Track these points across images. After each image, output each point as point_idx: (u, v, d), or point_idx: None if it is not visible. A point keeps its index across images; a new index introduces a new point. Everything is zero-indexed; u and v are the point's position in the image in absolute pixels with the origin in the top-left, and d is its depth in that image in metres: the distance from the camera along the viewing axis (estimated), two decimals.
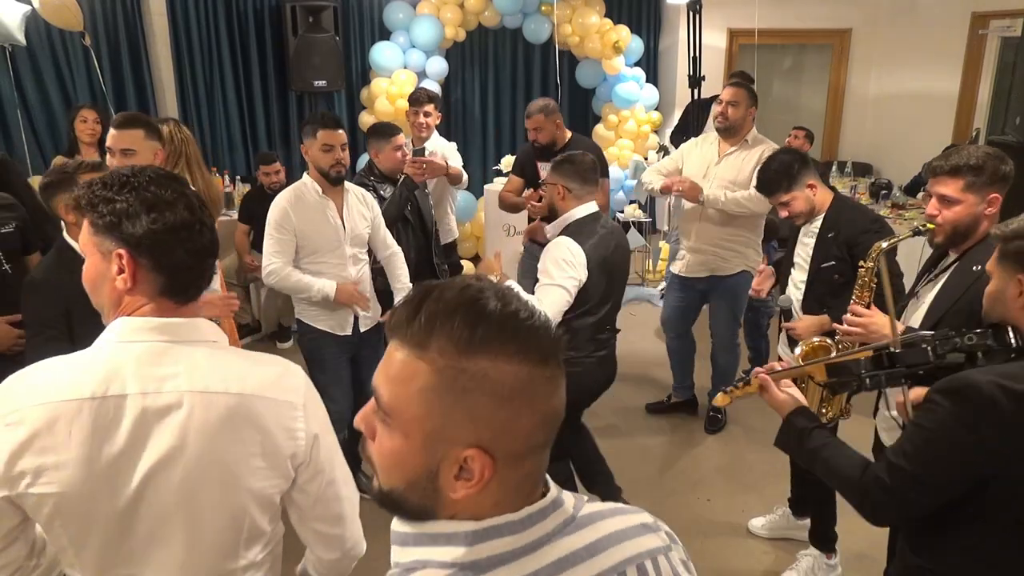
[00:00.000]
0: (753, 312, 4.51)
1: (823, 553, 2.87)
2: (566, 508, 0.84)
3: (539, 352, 0.76)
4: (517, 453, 0.77)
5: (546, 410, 0.78)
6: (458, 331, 0.74)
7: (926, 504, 1.45)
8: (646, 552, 0.87)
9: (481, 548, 0.78)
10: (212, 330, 1.24)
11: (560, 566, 0.80)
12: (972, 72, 6.16)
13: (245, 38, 6.02)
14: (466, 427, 0.75)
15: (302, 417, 1.23)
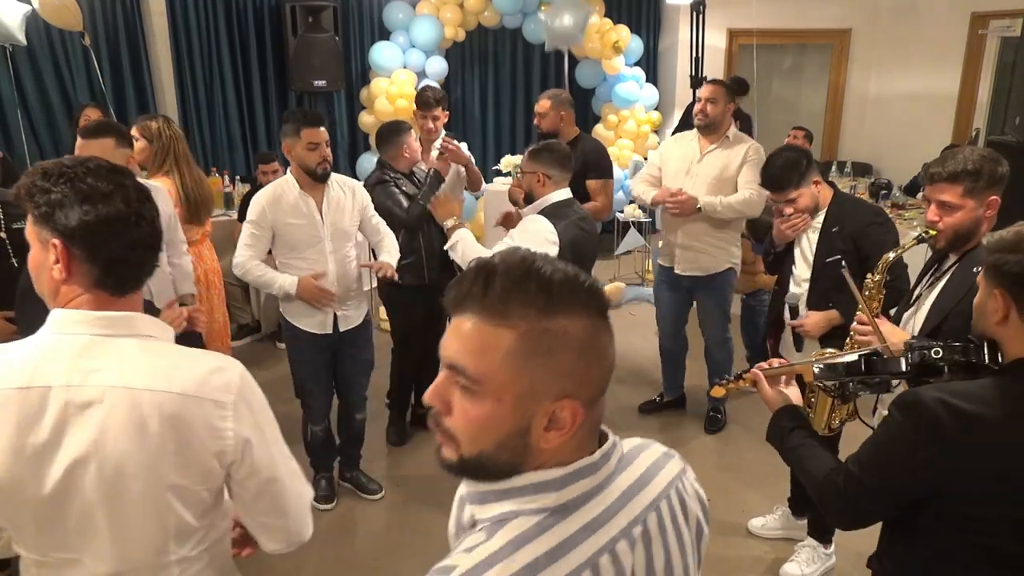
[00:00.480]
0: (750, 311, 4.52)
1: (820, 543, 2.93)
2: (620, 447, 0.96)
3: (599, 306, 0.87)
4: (593, 398, 0.89)
5: (610, 357, 0.89)
6: (535, 296, 0.81)
7: (877, 511, 1.50)
8: (673, 479, 1.01)
9: (569, 491, 0.86)
10: (150, 324, 1.24)
11: (624, 499, 0.91)
12: (972, 72, 6.16)
13: (245, 38, 6.02)
14: (554, 382, 0.83)
15: (231, 416, 1.21)
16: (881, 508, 1.49)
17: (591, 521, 0.87)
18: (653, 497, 0.95)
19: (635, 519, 0.91)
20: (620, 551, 0.88)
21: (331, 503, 3.34)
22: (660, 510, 0.96)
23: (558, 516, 0.85)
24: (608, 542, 0.88)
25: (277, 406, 3.85)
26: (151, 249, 1.24)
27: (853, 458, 1.49)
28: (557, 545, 0.84)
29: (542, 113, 3.89)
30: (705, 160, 3.71)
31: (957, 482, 1.37)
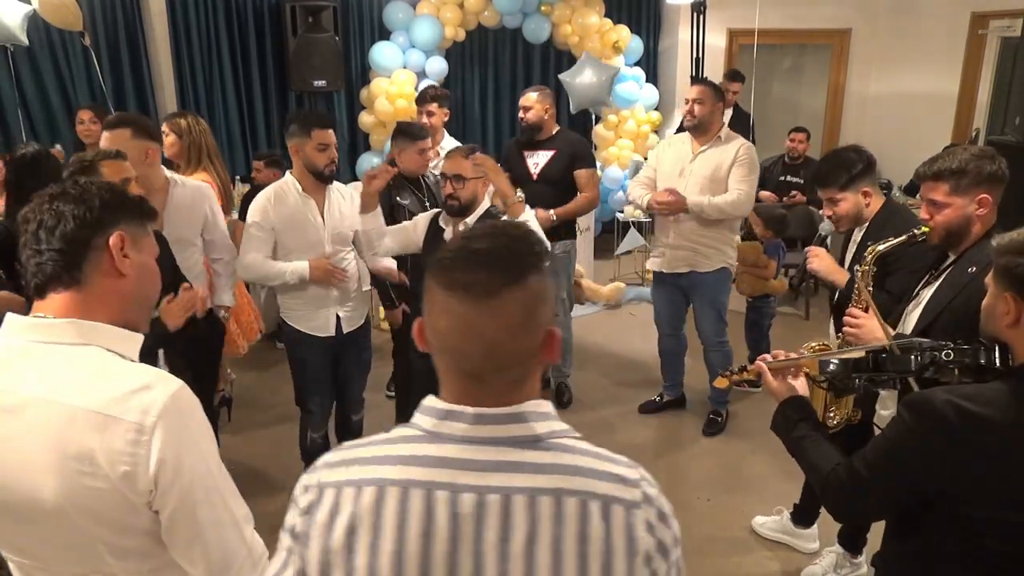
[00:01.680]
0: (755, 312, 4.51)
1: (848, 552, 2.87)
2: (530, 427, 0.96)
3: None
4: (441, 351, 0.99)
5: (440, 327, 0.97)
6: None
7: (877, 509, 1.51)
8: (598, 495, 0.94)
9: (442, 424, 0.97)
10: (94, 331, 1.20)
11: (500, 467, 0.94)
12: (972, 72, 6.16)
13: (245, 38, 6.01)
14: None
15: (146, 441, 1.12)
16: (883, 506, 1.50)
17: (436, 457, 0.95)
18: (538, 485, 0.93)
19: (480, 487, 0.93)
20: (438, 497, 0.93)
21: None
22: (527, 503, 0.93)
23: (429, 440, 0.96)
24: (427, 483, 0.94)
25: (275, 407, 3.85)
26: (24, 247, 1.22)
27: (860, 455, 1.50)
28: (397, 456, 0.96)
29: (527, 106, 3.94)
30: (697, 160, 3.73)
31: (963, 484, 1.37)
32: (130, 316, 1.28)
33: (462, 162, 2.85)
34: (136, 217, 1.29)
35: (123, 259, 1.24)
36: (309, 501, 0.98)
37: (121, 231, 1.24)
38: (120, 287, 1.25)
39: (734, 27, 7.01)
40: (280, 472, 3.50)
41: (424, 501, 0.93)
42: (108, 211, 1.24)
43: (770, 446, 3.69)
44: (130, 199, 1.30)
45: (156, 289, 1.35)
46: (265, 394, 4.41)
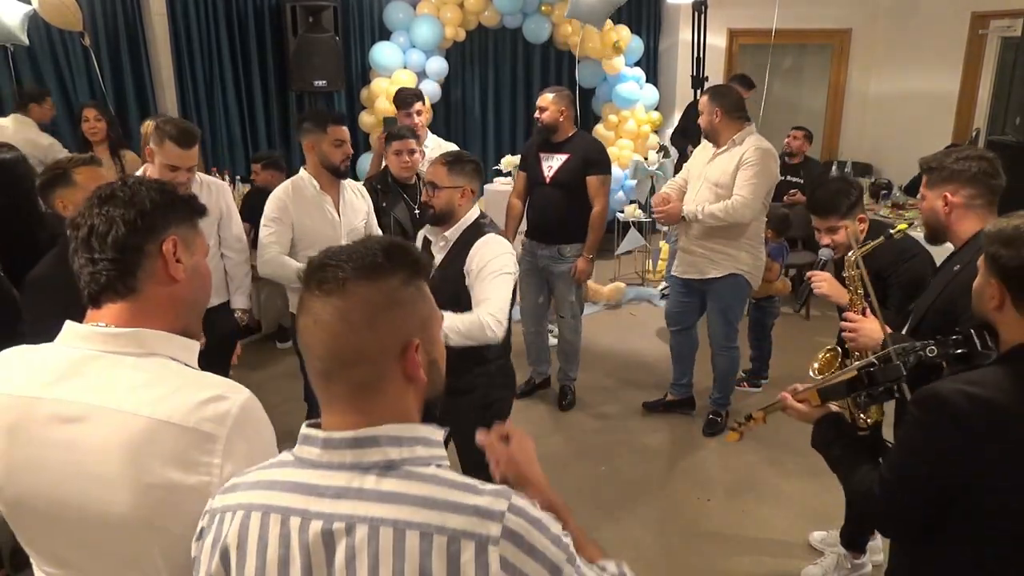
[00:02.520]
0: (760, 312, 4.50)
1: (850, 553, 2.87)
2: (383, 451, 0.94)
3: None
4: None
5: (303, 337, 1.00)
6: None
7: (915, 510, 1.49)
8: (446, 528, 0.88)
9: (300, 448, 0.99)
10: (159, 342, 1.17)
11: (347, 494, 0.92)
12: (972, 72, 6.16)
13: (245, 38, 6.01)
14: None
15: (220, 451, 1.09)
16: (919, 508, 1.48)
17: (295, 483, 0.95)
18: (381, 515, 0.90)
19: (328, 515, 0.92)
20: (292, 523, 0.93)
21: None
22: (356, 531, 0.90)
23: (295, 465, 0.98)
24: (283, 508, 0.94)
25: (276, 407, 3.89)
26: (76, 254, 1.18)
27: (884, 464, 1.53)
28: (267, 480, 0.98)
29: (543, 107, 3.93)
30: (711, 165, 3.71)
31: (980, 469, 1.39)
32: (186, 322, 1.24)
33: (438, 169, 2.55)
34: (187, 218, 1.24)
35: (176, 264, 1.19)
36: (202, 527, 1.01)
37: (174, 235, 1.19)
38: (175, 293, 1.20)
39: (734, 27, 7.02)
40: None
41: (281, 527, 0.93)
42: (160, 214, 1.19)
43: (771, 446, 3.69)
44: (181, 199, 1.24)
45: (208, 292, 1.31)
46: (266, 394, 4.41)
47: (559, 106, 3.89)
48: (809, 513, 3.29)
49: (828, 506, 3.20)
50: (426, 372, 0.99)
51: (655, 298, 6.08)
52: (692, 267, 3.81)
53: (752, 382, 4.52)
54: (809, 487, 3.42)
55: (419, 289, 1.00)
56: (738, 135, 3.64)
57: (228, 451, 1.10)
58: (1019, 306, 1.43)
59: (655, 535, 3.19)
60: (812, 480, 3.40)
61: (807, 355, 4.75)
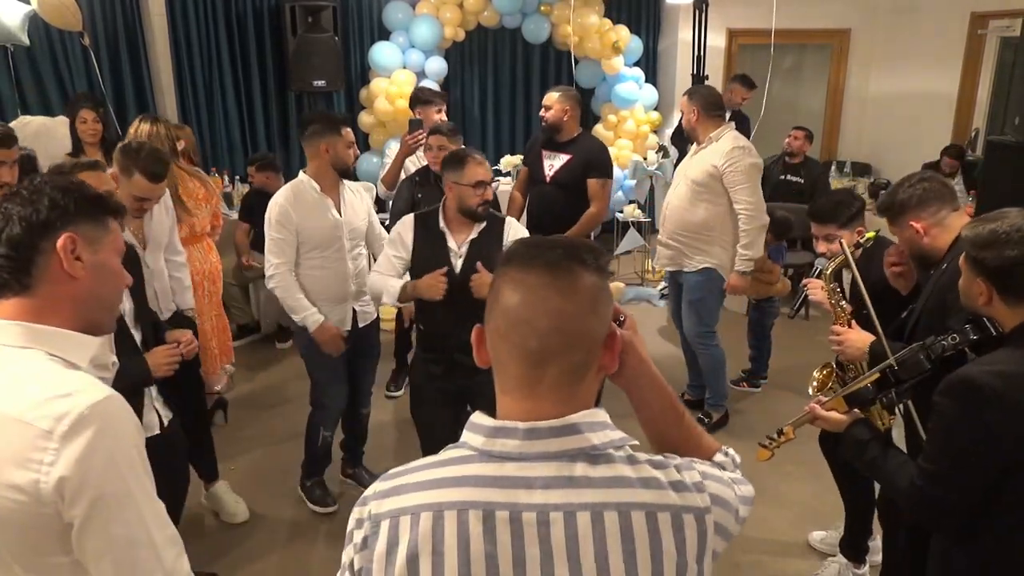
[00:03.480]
0: (759, 312, 4.50)
1: (851, 562, 2.86)
2: (585, 438, 0.94)
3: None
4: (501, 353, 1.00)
5: (512, 311, 0.99)
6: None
7: (962, 499, 1.53)
8: (668, 506, 0.93)
9: (493, 442, 0.96)
10: (35, 334, 1.15)
11: (559, 483, 0.91)
12: (971, 72, 6.16)
13: (244, 38, 6.02)
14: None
15: (54, 449, 1.04)
16: (963, 497, 1.53)
17: (491, 477, 0.92)
18: (578, 502, 0.90)
19: (541, 505, 0.90)
20: (499, 517, 0.90)
21: (334, 506, 3.31)
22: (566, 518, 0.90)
23: (482, 459, 0.94)
24: (485, 503, 0.91)
25: (276, 407, 3.83)
26: None
27: (924, 455, 1.58)
28: (450, 478, 0.93)
29: (548, 105, 3.94)
30: (691, 162, 3.80)
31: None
32: (89, 318, 1.22)
33: (488, 167, 2.79)
34: (92, 216, 1.22)
35: (74, 262, 1.17)
36: (364, 535, 0.95)
37: (71, 233, 1.17)
38: (73, 291, 1.19)
39: (734, 27, 7.02)
40: (279, 473, 3.49)
41: (484, 522, 0.90)
42: (57, 212, 1.17)
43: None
44: (85, 196, 1.22)
45: (118, 289, 1.29)
46: (266, 394, 4.41)
47: (564, 105, 3.90)
48: (809, 513, 3.29)
49: (828, 506, 3.19)
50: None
51: (655, 298, 6.08)
52: (670, 260, 3.89)
53: (751, 382, 4.52)
54: (809, 488, 3.41)
55: (607, 280, 1.02)
56: (715, 132, 3.70)
57: (61, 451, 1.05)
58: (1006, 299, 1.55)
59: None
60: (812, 481, 3.40)
61: (806, 355, 4.78)
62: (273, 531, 3.20)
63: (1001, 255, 1.52)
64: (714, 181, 3.65)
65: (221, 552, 3.04)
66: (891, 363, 1.82)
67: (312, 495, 3.31)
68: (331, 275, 3.04)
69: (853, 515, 2.84)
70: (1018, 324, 1.54)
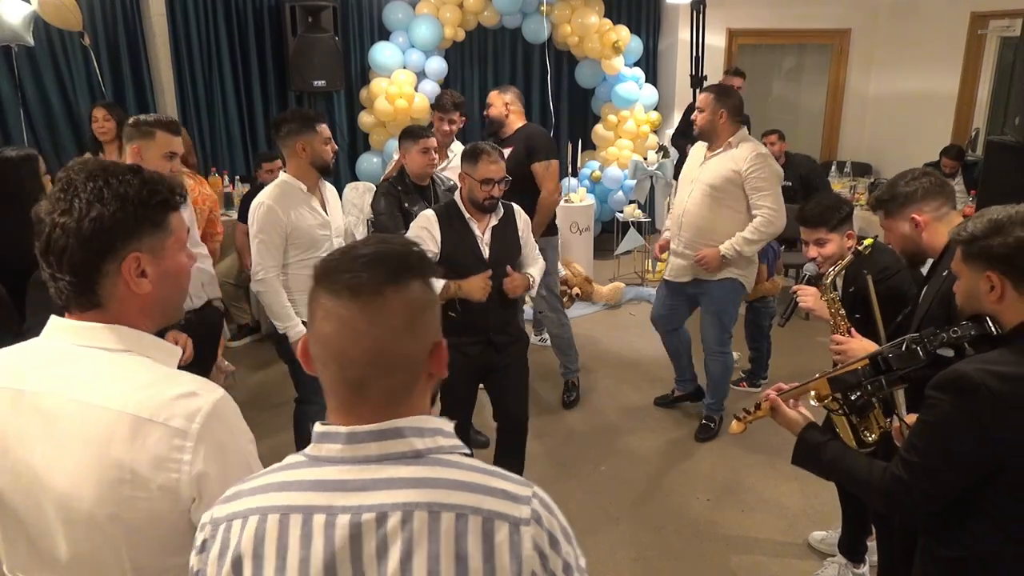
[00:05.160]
0: (754, 313, 4.51)
1: (851, 562, 2.86)
2: (409, 442, 0.93)
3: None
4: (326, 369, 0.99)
5: (323, 330, 0.97)
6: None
7: (943, 494, 1.53)
8: (480, 509, 0.90)
9: (318, 447, 0.97)
10: (129, 338, 1.14)
11: (375, 484, 0.91)
12: (971, 72, 6.16)
13: (244, 38, 6.02)
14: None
15: (190, 448, 1.07)
16: (946, 490, 1.53)
17: (314, 481, 0.94)
18: (407, 500, 0.90)
19: (355, 507, 0.91)
20: (316, 521, 0.92)
21: None
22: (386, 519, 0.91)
23: (309, 464, 0.96)
24: (305, 507, 0.92)
25: (276, 407, 3.83)
26: (52, 254, 1.11)
27: (907, 448, 1.56)
28: (278, 483, 0.96)
29: (489, 103, 4.01)
30: (704, 168, 3.67)
31: (1016, 446, 1.44)
32: (159, 321, 1.22)
33: (502, 164, 2.95)
34: (154, 225, 1.15)
35: (140, 280, 1.13)
36: (203, 539, 0.98)
37: (136, 253, 1.12)
38: (141, 303, 1.15)
39: (734, 27, 7.02)
40: None
41: (302, 526, 0.92)
42: (121, 230, 1.11)
43: (770, 447, 3.69)
44: (147, 203, 1.13)
45: (184, 288, 1.26)
46: (266, 394, 4.41)
47: (503, 99, 3.92)
48: (809, 513, 3.30)
49: (827, 506, 3.20)
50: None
51: (654, 298, 6.07)
52: (685, 272, 3.79)
53: (751, 382, 4.53)
54: (808, 487, 3.42)
55: (434, 288, 0.99)
56: (734, 138, 3.60)
57: (197, 448, 1.07)
58: (1020, 288, 1.50)
59: (655, 535, 3.19)
60: (811, 481, 3.38)
61: (806, 354, 4.77)
62: None
63: (1009, 237, 1.49)
64: (734, 187, 3.56)
65: None
66: (884, 351, 1.78)
67: None
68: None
69: (850, 515, 2.84)
70: (1018, 324, 1.52)
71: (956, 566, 1.58)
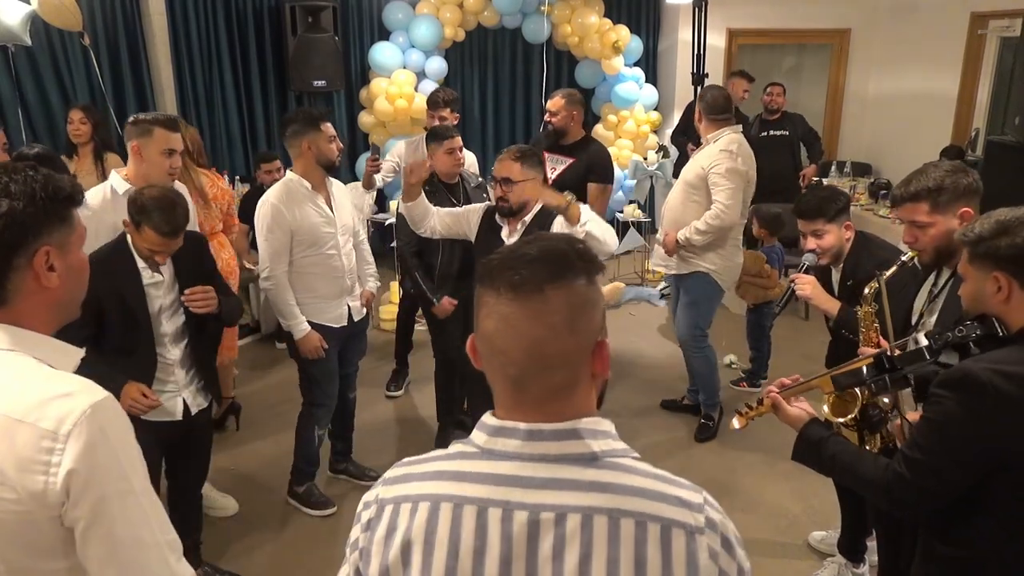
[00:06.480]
0: (756, 314, 4.50)
1: (850, 562, 2.86)
2: (586, 444, 0.94)
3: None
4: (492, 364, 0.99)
5: (494, 335, 0.98)
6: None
7: (946, 491, 1.53)
8: (659, 517, 0.90)
9: (494, 440, 0.97)
10: (19, 337, 1.11)
11: (554, 484, 0.92)
12: (971, 72, 6.16)
13: (244, 38, 6.02)
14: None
15: (60, 450, 1.02)
16: (948, 488, 1.53)
17: (489, 475, 0.94)
18: (598, 504, 0.91)
19: (534, 505, 0.91)
20: (491, 514, 0.92)
21: (334, 507, 3.31)
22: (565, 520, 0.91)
23: (483, 456, 0.96)
24: (480, 499, 0.93)
25: (276, 407, 3.82)
26: None
27: (910, 445, 1.56)
28: (451, 472, 0.96)
29: (554, 111, 3.95)
30: (688, 164, 3.82)
31: (1021, 444, 1.44)
32: (62, 317, 1.21)
33: (511, 165, 2.81)
34: (61, 220, 1.15)
35: (49, 274, 1.13)
36: (369, 517, 0.99)
37: (47, 246, 1.12)
38: (48, 299, 1.15)
39: (734, 27, 7.02)
40: (281, 475, 3.49)
41: (477, 518, 0.92)
42: (32, 224, 1.10)
43: (771, 447, 3.69)
44: (54, 200, 1.13)
45: (85, 285, 1.25)
46: (266, 394, 4.41)
47: (571, 110, 3.94)
48: (808, 513, 3.30)
49: (827, 506, 3.20)
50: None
51: (654, 298, 6.08)
52: (665, 261, 3.90)
53: (751, 382, 4.53)
54: (808, 488, 3.41)
55: (599, 287, 0.99)
56: (713, 134, 3.70)
57: (68, 450, 1.03)
58: None
59: None
60: (811, 481, 3.39)
61: (806, 355, 4.77)
62: (273, 530, 3.20)
63: (1016, 238, 1.48)
64: (703, 182, 3.66)
65: (218, 553, 3.04)
66: (889, 350, 1.78)
67: (310, 499, 3.29)
68: (327, 272, 3.04)
69: (849, 514, 2.84)
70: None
71: (957, 565, 1.58)
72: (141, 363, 2.45)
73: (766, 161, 4.49)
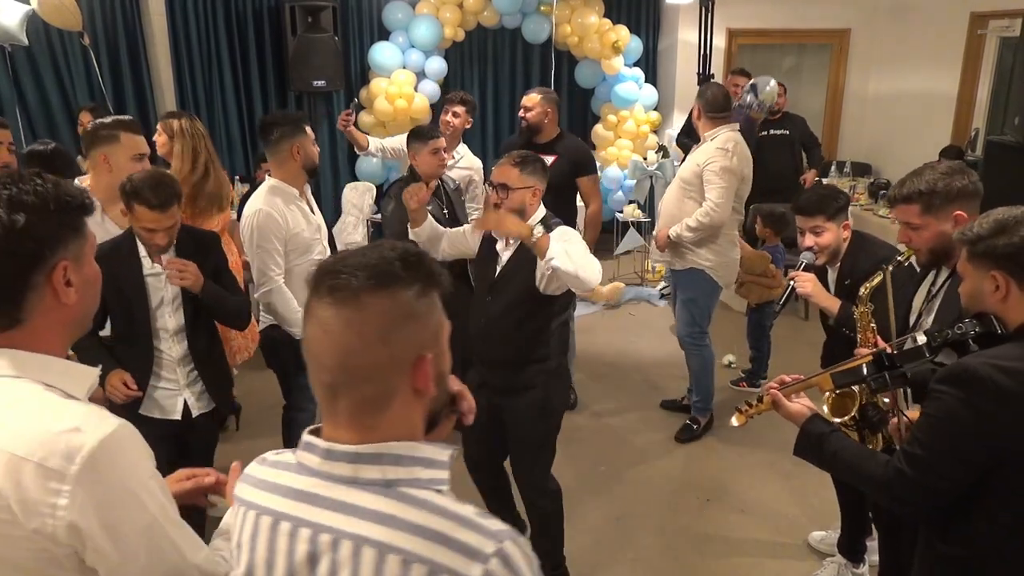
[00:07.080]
0: (757, 313, 4.51)
1: (850, 562, 2.86)
2: (382, 470, 0.92)
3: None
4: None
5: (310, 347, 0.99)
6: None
7: (948, 488, 1.53)
8: (425, 559, 0.86)
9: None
10: (25, 362, 1.05)
11: (341, 508, 0.92)
12: (971, 72, 6.15)
13: (244, 38, 6.02)
14: None
15: (67, 492, 0.96)
16: (949, 484, 1.53)
17: (291, 489, 0.97)
18: (347, 530, 0.90)
19: (317, 525, 0.93)
20: (281, 528, 0.96)
21: None
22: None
23: (296, 469, 0.99)
24: (277, 512, 0.97)
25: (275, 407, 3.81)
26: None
27: (911, 442, 1.56)
28: (269, 482, 1.00)
29: (529, 107, 3.93)
30: (685, 161, 3.86)
31: (1022, 440, 1.45)
32: (75, 334, 1.15)
33: (509, 170, 2.57)
34: (75, 231, 1.08)
35: (67, 289, 1.07)
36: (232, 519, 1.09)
37: (64, 260, 1.05)
38: (65, 316, 1.09)
39: (734, 27, 7.01)
40: None
41: (270, 530, 0.95)
42: (48, 237, 1.04)
43: (771, 447, 3.69)
44: (67, 210, 1.07)
45: (99, 296, 1.18)
46: (265, 395, 4.40)
47: (545, 107, 3.90)
48: (808, 513, 3.30)
49: (826, 506, 3.20)
50: (435, 385, 0.96)
51: (654, 298, 6.08)
52: (662, 257, 3.99)
53: (751, 382, 4.53)
54: (808, 487, 3.42)
55: (433, 301, 0.96)
56: (710, 132, 3.71)
57: (75, 493, 0.96)
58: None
59: (655, 535, 3.19)
60: (811, 481, 3.40)
61: (806, 355, 4.77)
62: None
63: (1015, 237, 1.50)
64: (698, 180, 3.67)
65: None
66: (888, 348, 1.78)
67: None
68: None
69: (849, 515, 2.84)
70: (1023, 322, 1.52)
71: (958, 563, 1.59)
72: (140, 356, 2.44)
73: (766, 160, 4.50)
